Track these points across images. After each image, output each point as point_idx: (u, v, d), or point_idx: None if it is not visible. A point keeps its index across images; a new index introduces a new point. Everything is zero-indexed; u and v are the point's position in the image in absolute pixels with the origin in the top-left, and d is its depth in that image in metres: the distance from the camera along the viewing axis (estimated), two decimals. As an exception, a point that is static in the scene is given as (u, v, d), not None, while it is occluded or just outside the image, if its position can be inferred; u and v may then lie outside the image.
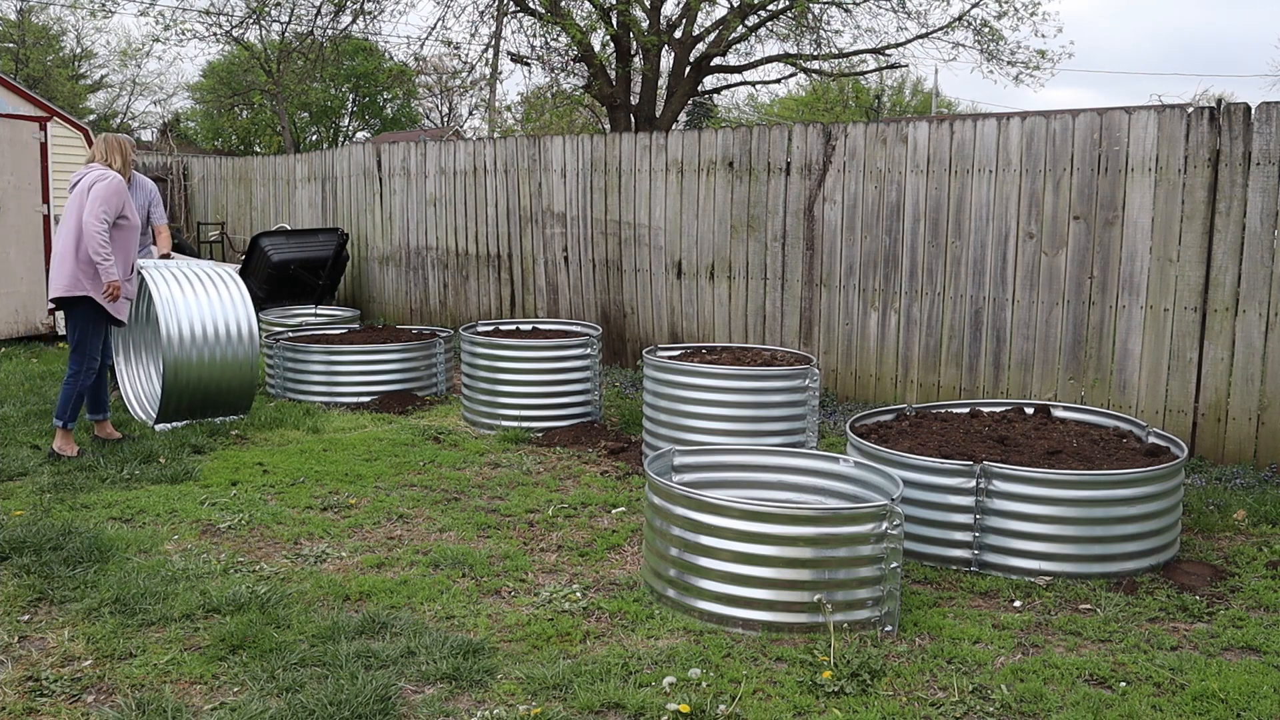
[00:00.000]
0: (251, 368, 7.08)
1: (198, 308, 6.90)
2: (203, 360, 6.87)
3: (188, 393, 6.86)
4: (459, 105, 42.73)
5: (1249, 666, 3.62)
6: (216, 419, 7.06)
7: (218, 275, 7.20)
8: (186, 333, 6.79)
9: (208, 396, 6.97)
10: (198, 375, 6.85)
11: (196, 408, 6.97)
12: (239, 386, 7.10)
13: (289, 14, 18.42)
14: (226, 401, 7.09)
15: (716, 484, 4.63)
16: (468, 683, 3.44)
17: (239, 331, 7.00)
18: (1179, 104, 9.04)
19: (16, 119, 10.17)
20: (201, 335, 6.85)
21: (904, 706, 3.32)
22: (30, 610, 4.00)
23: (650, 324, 9.22)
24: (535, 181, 10.02)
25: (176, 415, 6.92)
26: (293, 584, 4.30)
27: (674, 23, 16.93)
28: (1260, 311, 6.14)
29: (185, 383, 6.82)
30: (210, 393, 6.96)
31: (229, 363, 6.95)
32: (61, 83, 35.17)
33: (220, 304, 7.01)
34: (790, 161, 8.13)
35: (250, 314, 7.13)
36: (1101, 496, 4.40)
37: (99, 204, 6.09)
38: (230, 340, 6.97)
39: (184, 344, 6.78)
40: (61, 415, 6.18)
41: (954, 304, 7.37)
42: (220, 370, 6.93)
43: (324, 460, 6.24)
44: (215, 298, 7.02)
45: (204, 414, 7.03)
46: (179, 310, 6.82)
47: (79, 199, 6.17)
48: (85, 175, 6.26)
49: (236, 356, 7.00)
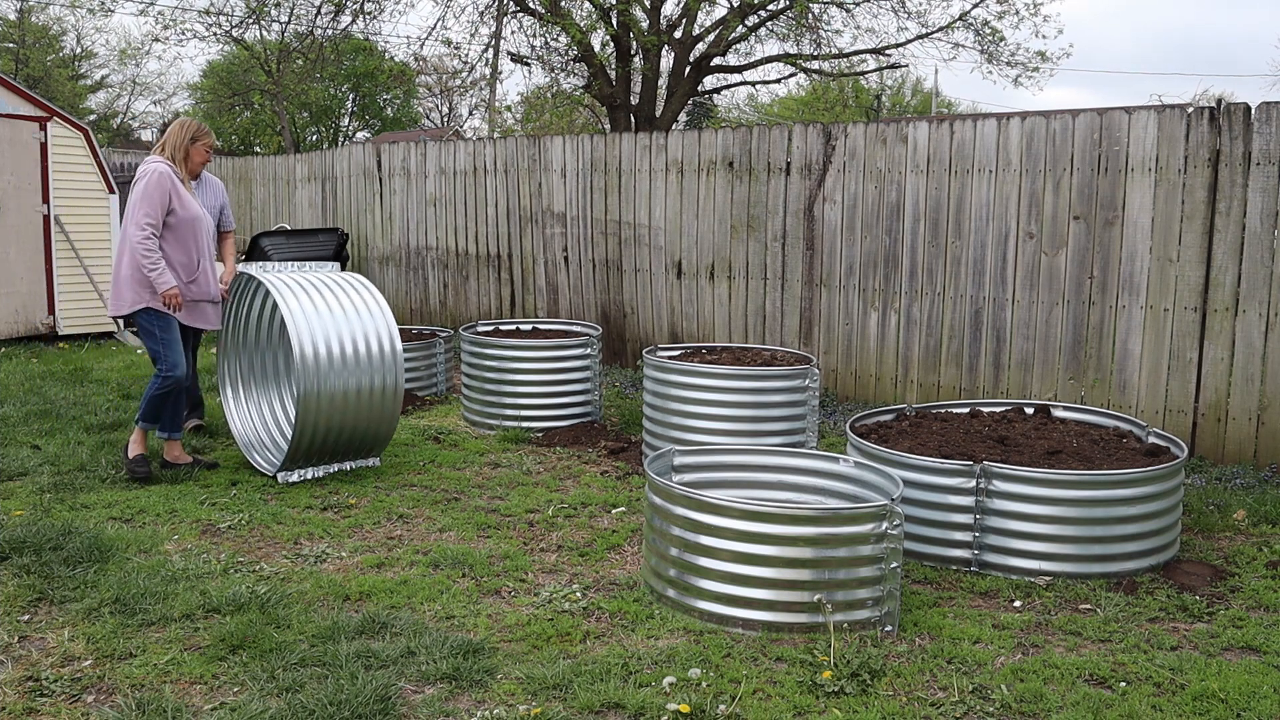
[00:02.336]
0: (396, 397, 5.94)
1: (333, 323, 5.74)
2: (347, 391, 5.69)
3: (321, 432, 5.71)
4: (459, 105, 42.74)
5: (1249, 666, 3.62)
6: (348, 464, 6.02)
7: (349, 282, 6.09)
8: (324, 352, 5.64)
9: (345, 436, 5.82)
10: (340, 409, 5.69)
11: (330, 450, 5.85)
12: (381, 421, 5.89)
13: (289, 14, 18.42)
14: (364, 441, 5.95)
15: (716, 484, 4.63)
16: (468, 683, 3.44)
17: (380, 349, 5.83)
18: (1179, 104, 9.04)
19: (16, 119, 10.16)
20: (340, 356, 5.68)
21: (904, 706, 3.32)
22: (30, 610, 4.00)
23: (650, 324, 9.22)
24: (535, 181, 10.02)
25: (307, 461, 5.81)
26: (293, 584, 4.30)
27: (674, 23, 16.92)
28: (1260, 311, 6.14)
29: (320, 419, 5.66)
30: (348, 431, 5.80)
31: (373, 391, 5.80)
32: (61, 83, 35.19)
33: (358, 317, 5.86)
34: (790, 161, 8.13)
35: (392, 328, 5.97)
36: (1101, 496, 4.40)
37: (136, 209, 5.58)
38: (372, 362, 5.79)
39: (320, 368, 5.62)
40: (141, 415, 5.76)
41: (954, 304, 7.37)
42: (362, 401, 5.78)
43: (324, 460, 6.23)
44: (352, 309, 5.87)
45: (339, 457, 5.93)
46: (313, 326, 5.66)
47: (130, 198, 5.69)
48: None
49: (379, 384, 5.81)
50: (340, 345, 5.71)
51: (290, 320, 5.60)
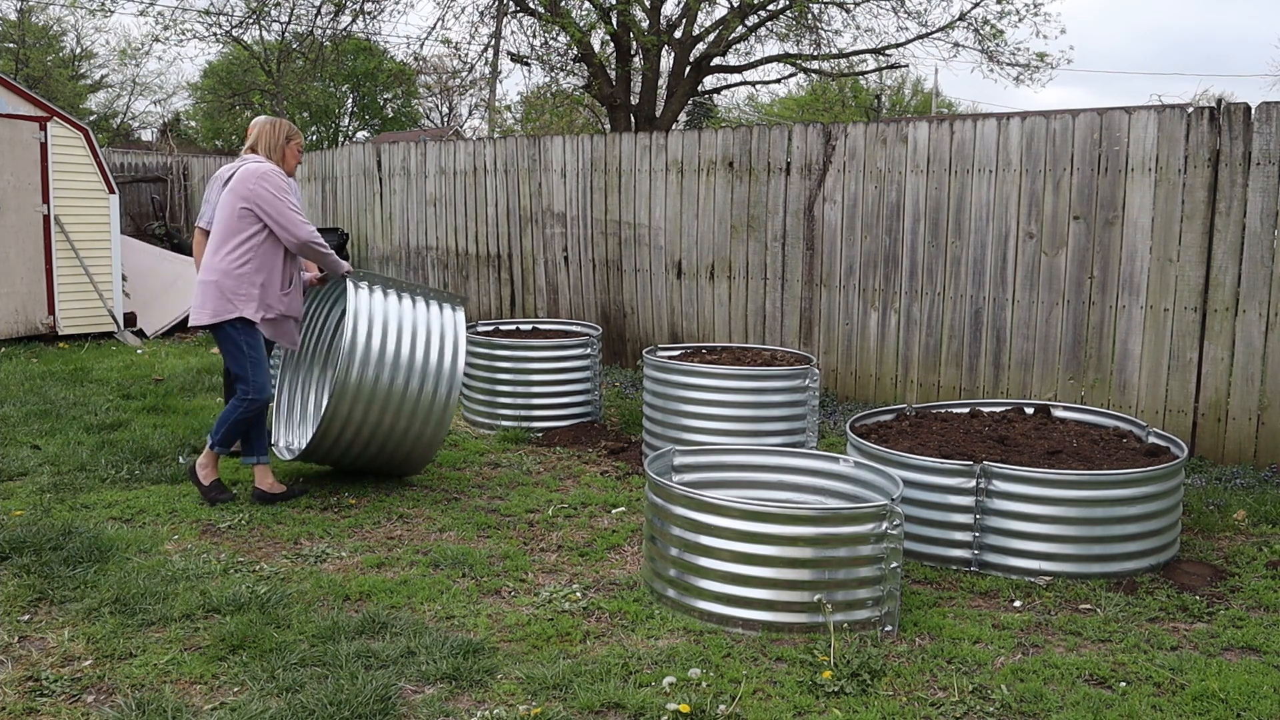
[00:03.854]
0: (446, 409, 5.40)
1: (397, 311, 5.29)
2: (395, 387, 5.19)
3: (354, 426, 5.26)
4: (459, 105, 42.75)
5: (1249, 666, 3.62)
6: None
7: (436, 296, 5.64)
8: (377, 339, 5.19)
9: (380, 438, 5.34)
10: (380, 407, 5.19)
11: (358, 449, 5.39)
12: (423, 431, 5.37)
13: (289, 14, 18.41)
14: (398, 449, 5.44)
15: (716, 484, 4.63)
16: (468, 683, 3.44)
17: (440, 351, 5.33)
18: (1179, 104, 9.04)
19: (16, 119, 10.17)
20: (393, 352, 5.21)
21: (904, 706, 3.32)
22: (30, 610, 4.00)
23: (650, 324, 9.22)
24: (535, 181, 10.02)
25: (327, 458, 5.42)
26: (293, 584, 4.30)
27: (674, 22, 16.93)
28: (1260, 311, 6.14)
29: (357, 408, 5.19)
30: (384, 433, 5.30)
31: (422, 396, 5.28)
32: (61, 83, 35.17)
33: (427, 315, 5.41)
34: (790, 161, 8.13)
35: (460, 336, 5.44)
36: (1101, 496, 4.40)
37: (278, 203, 5.15)
38: (429, 365, 5.29)
39: (370, 352, 5.18)
40: (219, 439, 5.28)
41: (954, 304, 7.37)
42: (407, 404, 5.29)
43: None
44: (423, 307, 5.45)
45: (365, 461, 5.47)
46: (374, 308, 5.26)
47: (224, 200, 5.26)
48: (231, 165, 5.42)
49: (431, 390, 5.30)
50: (398, 336, 5.28)
51: (351, 295, 5.26)
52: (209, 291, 5.22)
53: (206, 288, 5.23)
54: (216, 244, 5.26)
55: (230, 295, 5.19)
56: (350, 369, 5.17)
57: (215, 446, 5.34)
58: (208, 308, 5.22)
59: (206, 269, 5.26)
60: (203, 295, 5.24)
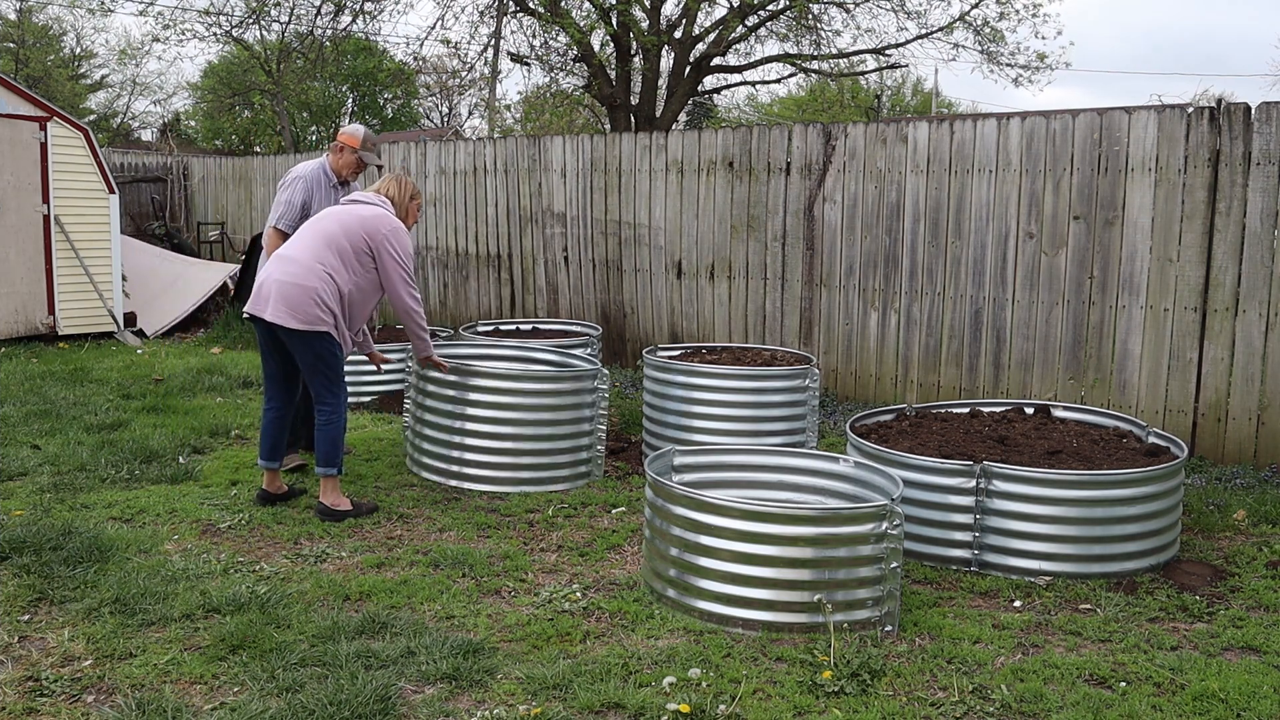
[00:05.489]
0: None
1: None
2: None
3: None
4: (459, 105, 42.75)
5: (1249, 666, 3.62)
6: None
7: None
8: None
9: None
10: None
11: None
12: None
13: (289, 14, 18.42)
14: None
15: (716, 484, 4.63)
16: (468, 683, 3.44)
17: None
18: (1179, 104, 9.04)
19: (16, 119, 10.16)
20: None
21: (904, 706, 3.32)
22: (30, 610, 4.00)
23: (650, 324, 9.22)
24: (535, 181, 10.02)
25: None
26: (293, 584, 4.30)
27: (674, 23, 16.93)
28: (1260, 311, 6.14)
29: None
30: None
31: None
32: (61, 83, 35.17)
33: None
34: (790, 161, 8.13)
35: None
36: (1101, 496, 4.40)
37: (401, 266, 5.20)
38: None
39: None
40: (331, 461, 5.16)
41: (954, 304, 7.37)
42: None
43: (324, 460, 6.23)
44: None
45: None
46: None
47: (345, 224, 5.17)
48: (357, 198, 5.36)
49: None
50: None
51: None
52: (319, 300, 5.03)
53: (320, 296, 5.04)
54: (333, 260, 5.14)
55: (340, 312, 5.14)
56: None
57: (328, 472, 5.18)
58: (314, 315, 5.03)
59: (306, 272, 5.05)
60: (307, 299, 5.03)
